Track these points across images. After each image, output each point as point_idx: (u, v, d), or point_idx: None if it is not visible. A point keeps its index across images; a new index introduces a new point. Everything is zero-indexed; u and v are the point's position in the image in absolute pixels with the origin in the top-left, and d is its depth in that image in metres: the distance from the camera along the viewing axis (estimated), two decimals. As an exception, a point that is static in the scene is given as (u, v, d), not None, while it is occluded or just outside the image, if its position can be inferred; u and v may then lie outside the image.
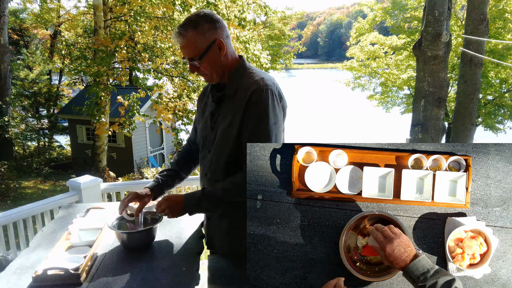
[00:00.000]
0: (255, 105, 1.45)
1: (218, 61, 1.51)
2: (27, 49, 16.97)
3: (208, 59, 1.49)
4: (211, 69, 1.51)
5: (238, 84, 1.52)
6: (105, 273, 1.45)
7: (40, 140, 15.70)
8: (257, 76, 1.51)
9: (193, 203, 1.54)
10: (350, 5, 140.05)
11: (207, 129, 1.62)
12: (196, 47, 1.47)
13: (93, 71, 7.98)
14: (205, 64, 1.49)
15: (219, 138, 1.55)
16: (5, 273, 1.45)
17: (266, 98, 1.44)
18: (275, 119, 1.47)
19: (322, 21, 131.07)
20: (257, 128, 1.45)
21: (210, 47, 1.47)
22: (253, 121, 1.45)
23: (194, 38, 1.46)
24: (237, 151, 1.50)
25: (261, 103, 1.44)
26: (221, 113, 1.57)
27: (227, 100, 1.55)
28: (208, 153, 1.62)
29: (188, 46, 1.47)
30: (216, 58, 1.50)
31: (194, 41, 1.46)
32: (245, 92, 1.47)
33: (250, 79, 1.50)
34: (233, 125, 1.49)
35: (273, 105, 1.46)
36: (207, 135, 1.62)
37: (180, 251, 1.61)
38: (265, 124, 1.44)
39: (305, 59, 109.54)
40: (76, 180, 3.32)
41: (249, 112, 1.45)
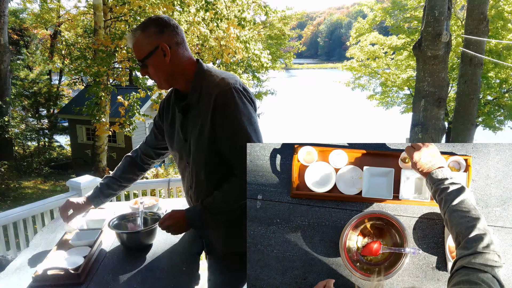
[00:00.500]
0: (222, 109, 1.41)
1: (163, 66, 1.47)
2: (27, 49, 16.97)
3: (152, 63, 1.46)
4: (157, 74, 1.48)
5: (199, 90, 1.48)
6: (105, 273, 1.45)
7: (40, 140, 15.70)
8: (217, 77, 1.47)
9: (196, 218, 1.52)
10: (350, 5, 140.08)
11: (180, 141, 1.60)
12: (141, 50, 1.45)
13: (93, 71, 7.98)
14: (151, 68, 1.47)
15: (194, 149, 1.52)
16: (5, 273, 1.45)
17: (232, 98, 1.41)
18: (248, 115, 1.43)
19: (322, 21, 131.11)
20: (233, 130, 1.42)
21: (153, 52, 1.44)
22: (226, 125, 1.42)
23: (141, 40, 1.45)
24: (214, 158, 1.48)
25: (228, 105, 1.41)
26: (189, 123, 1.54)
27: (192, 109, 1.52)
28: (187, 164, 1.60)
29: (135, 48, 1.47)
30: (160, 63, 1.46)
31: (140, 44, 1.45)
32: (209, 98, 1.43)
33: (211, 82, 1.46)
34: (203, 134, 1.47)
35: (241, 102, 1.42)
36: (182, 147, 1.59)
37: (180, 251, 1.61)
38: (239, 125, 1.41)
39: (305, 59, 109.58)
40: (76, 180, 3.32)
41: (218, 117, 1.42)
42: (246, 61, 9.14)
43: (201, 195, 1.56)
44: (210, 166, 1.50)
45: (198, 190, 1.59)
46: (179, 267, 1.49)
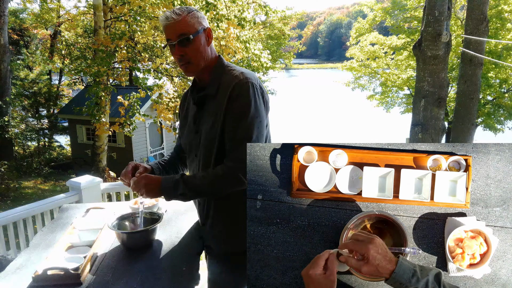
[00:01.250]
0: (236, 99, 1.45)
1: (204, 50, 1.52)
2: (27, 49, 16.98)
3: (197, 42, 1.49)
4: (197, 55, 1.51)
5: (219, 83, 1.52)
6: (105, 273, 1.45)
7: (40, 140, 15.70)
8: (237, 71, 1.52)
9: (170, 185, 1.48)
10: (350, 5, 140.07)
11: (191, 133, 1.61)
12: (188, 27, 1.48)
13: (93, 71, 7.98)
14: (192, 46, 1.48)
15: (203, 140, 1.53)
16: (5, 273, 1.45)
17: (247, 91, 1.44)
18: (257, 112, 1.46)
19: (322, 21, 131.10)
20: (238, 120, 1.44)
21: (200, 31, 1.49)
22: (234, 113, 1.45)
23: (189, 19, 1.48)
24: (223, 150, 1.49)
25: (242, 96, 1.44)
26: (203, 115, 1.56)
27: (209, 101, 1.55)
28: (195, 157, 1.61)
29: (182, 23, 1.47)
30: (202, 44, 1.51)
31: (189, 22, 1.48)
32: (226, 89, 1.47)
33: (231, 75, 1.50)
34: (216, 124, 1.49)
35: (254, 98, 1.45)
36: (192, 139, 1.61)
37: (180, 251, 1.61)
38: (246, 117, 1.44)
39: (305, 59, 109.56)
40: (76, 180, 3.32)
41: (230, 106, 1.45)
42: (246, 61, 9.13)
43: None
44: (217, 160, 1.51)
45: None
46: (179, 267, 1.49)
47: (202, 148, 1.55)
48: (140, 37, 8.74)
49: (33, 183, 12.06)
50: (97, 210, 1.97)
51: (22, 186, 11.43)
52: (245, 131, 1.43)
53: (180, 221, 1.91)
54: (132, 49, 8.64)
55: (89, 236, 1.66)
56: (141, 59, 8.72)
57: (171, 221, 1.90)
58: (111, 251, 1.62)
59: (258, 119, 1.46)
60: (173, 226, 1.84)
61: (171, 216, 1.97)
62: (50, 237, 1.76)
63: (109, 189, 3.53)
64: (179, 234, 1.76)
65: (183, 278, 1.43)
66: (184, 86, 9.36)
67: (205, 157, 1.54)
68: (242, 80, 1.46)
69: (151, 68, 8.90)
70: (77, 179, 3.33)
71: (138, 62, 8.60)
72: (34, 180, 12.37)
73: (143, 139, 13.92)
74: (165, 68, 9.33)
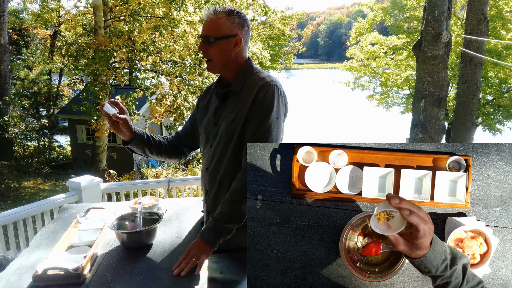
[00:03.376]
0: (261, 100, 1.50)
1: (227, 54, 1.56)
2: (27, 49, 16.98)
3: (220, 46, 1.54)
4: (218, 57, 1.55)
5: (244, 82, 1.57)
6: (105, 273, 1.45)
7: (40, 140, 15.70)
8: (264, 74, 1.58)
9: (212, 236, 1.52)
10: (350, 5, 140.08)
11: (210, 125, 1.66)
12: (219, 29, 1.52)
13: (92, 70, 7.98)
14: (216, 48, 1.54)
15: (222, 132, 1.58)
16: (5, 273, 1.45)
17: (272, 93, 1.51)
18: (278, 114, 1.53)
19: (322, 21, 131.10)
20: (260, 120, 1.50)
21: (229, 37, 1.53)
22: (257, 114, 1.51)
23: (223, 21, 1.52)
24: (240, 146, 1.54)
25: (267, 98, 1.50)
26: (225, 109, 1.61)
27: (232, 97, 1.60)
28: (210, 147, 1.66)
29: (213, 23, 1.52)
30: (227, 50, 1.55)
31: (221, 24, 1.52)
32: (252, 88, 1.52)
33: (257, 77, 1.56)
34: (238, 120, 1.54)
35: (277, 101, 1.52)
36: (210, 130, 1.66)
37: (180, 251, 1.61)
38: (268, 117, 1.50)
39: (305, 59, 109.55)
40: (76, 180, 3.32)
41: (255, 106, 1.51)
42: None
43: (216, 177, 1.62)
44: (232, 154, 1.56)
45: (213, 173, 1.63)
46: (179, 267, 1.49)
47: (219, 140, 1.60)
48: (137, 37, 8.73)
49: (33, 183, 12.06)
50: (97, 210, 1.97)
51: (22, 186, 11.44)
52: (264, 131, 1.49)
53: (180, 221, 1.91)
54: (130, 49, 8.63)
55: (89, 236, 1.66)
56: (139, 59, 8.71)
57: (171, 221, 1.90)
58: (111, 251, 1.61)
59: (278, 120, 1.53)
60: (173, 226, 1.84)
61: (171, 216, 1.97)
62: (50, 237, 1.76)
63: (109, 189, 3.53)
64: (179, 234, 1.76)
65: (183, 278, 1.43)
66: (181, 86, 9.34)
67: (222, 149, 1.59)
68: (269, 83, 1.52)
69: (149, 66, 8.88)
70: (77, 179, 3.33)
71: (137, 61, 8.59)
72: (34, 180, 12.37)
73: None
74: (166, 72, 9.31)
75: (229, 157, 1.57)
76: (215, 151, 1.62)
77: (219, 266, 1.67)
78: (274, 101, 1.51)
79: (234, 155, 1.56)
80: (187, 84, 9.32)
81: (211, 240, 1.52)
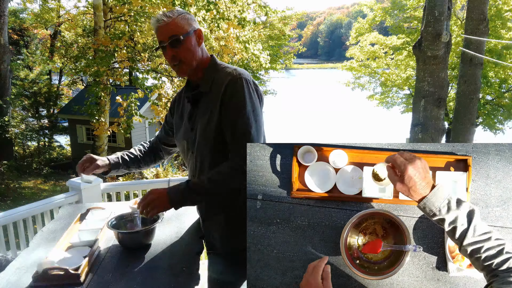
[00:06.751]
0: (231, 95, 1.48)
1: (195, 50, 1.55)
2: (27, 49, 16.98)
3: (189, 43, 1.52)
4: (189, 55, 1.53)
5: (212, 80, 1.55)
6: (105, 273, 1.45)
7: (40, 140, 15.70)
8: (230, 69, 1.56)
9: (178, 197, 1.48)
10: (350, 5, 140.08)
11: (187, 132, 1.64)
12: (179, 28, 1.50)
13: (92, 71, 7.98)
14: (183, 47, 1.51)
15: (199, 137, 1.56)
16: (5, 273, 1.45)
17: (241, 86, 1.48)
18: (252, 106, 1.49)
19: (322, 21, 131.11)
20: (235, 116, 1.47)
21: (190, 33, 1.52)
22: (231, 110, 1.48)
23: (179, 21, 1.51)
24: (220, 146, 1.51)
25: (237, 92, 1.48)
26: (198, 112, 1.59)
27: (203, 98, 1.58)
28: (192, 154, 1.62)
29: (171, 26, 1.49)
30: (193, 45, 1.54)
31: (178, 23, 1.50)
32: (220, 85, 1.50)
33: (224, 72, 1.54)
34: (212, 121, 1.51)
35: (249, 93, 1.49)
36: (188, 137, 1.63)
37: (180, 251, 1.61)
38: (243, 111, 1.47)
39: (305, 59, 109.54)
40: (76, 180, 3.32)
41: (226, 102, 1.48)
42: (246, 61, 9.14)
43: None
44: (214, 155, 1.53)
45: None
46: (179, 267, 1.49)
47: (198, 145, 1.57)
48: (139, 37, 8.73)
49: (33, 183, 12.06)
50: (97, 210, 1.97)
51: (22, 186, 11.43)
52: (244, 126, 1.46)
53: (179, 221, 1.91)
54: (131, 49, 8.63)
55: (89, 236, 1.66)
56: (140, 59, 8.71)
57: (170, 221, 1.90)
58: (111, 251, 1.61)
59: (255, 112, 1.50)
60: (172, 226, 1.84)
61: (171, 216, 1.97)
62: (50, 237, 1.76)
63: (109, 189, 3.53)
64: (179, 234, 1.76)
65: (183, 278, 1.43)
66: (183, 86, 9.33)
67: (202, 153, 1.57)
68: (236, 76, 1.49)
69: (150, 68, 8.88)
70: (77, 179, 3.32)
71: (138, 62, 8.59)
72: (34, 180, 12.37)
73: (143, 139, 13.92)
74: (164, 69, 9.31)
75: (212, 159, 1.54)
76: (197, 157, 1.59)
77: (219, 266, 1.67)
78: (245, 94, 1.47)
79: (217, 157, 1.52)
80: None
81: (176, 201, 1.48)
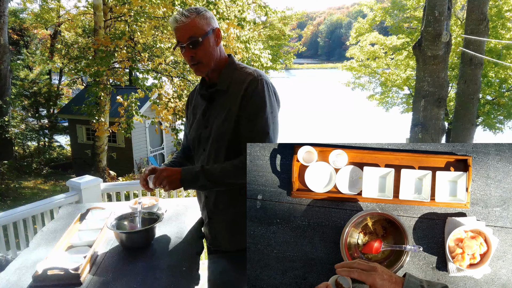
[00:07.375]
0: (251, 95, 1.49)
1: (213, 50, 1.54)
2: (27, 49, 16.95)
3: (208, 43, 1.52)
4: (207, 54, 1.53)
5: (230, 79, 1.55)
6: (105, 273, 1.45)
7: (40, 140, 15.69)
8: (249, 69, 1.56)
9: (190, 177, 1.52)
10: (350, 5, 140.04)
11: (200, 128, 1.63)
12: (198, 29, 1.49)
13: (92, 71, 7.97)
14: (203, 47, 1.51)
15: (214, 134, 1.56)
16: (5, 273, 1.45)
17: (262, 88, 1.49)
18: (271, 108, 1.51)
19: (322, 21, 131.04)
20: (255, 117, 1.48)
21: (209, 33, 1.52)
22: (251, 110, 1.49)
23: (198, 21, 1.50)
24: (234, 145, 1.52)
25: (258, 93, 1.49)
26: (214, 110, 1.59)
27: (219, 96, 1.57)
28: (203, 151, 1.62)
29: (191, 25, 1.49)
30: (212, 45, 1.54)
31: (197, 22, 1.50)
32: (240, 85, 1.51)
33: (243, 72, 1.54)
34: (229, 119, 1.51)
35: (268, 95, 1.51)
36: (201, 133, 1.63)
37: (180, 251, 1.61)
38: (262, 112, 1.49)
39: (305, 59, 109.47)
40: (76, 180, 3.32)
41: (246, 102, 1.49)
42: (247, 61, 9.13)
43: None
44: (227, 154, 1.54)
45: None
46: (179, 267, 1.49)
47: (212, 142, 1.57)
48: (139, 37, 8.72)
49: (33, 183, 12.05)
50: (97, 210, 1.97)
51: (22, 186, 11.43)
52: (262, 126, 1.48)
53: (180, 221, 1.91)
54: (131, 49, 8.63)
55: (89, 236, 1.66)
56: (140, 59, 8.71)
57: (171, 221, 1.90)
58: (111, 251, 1.61)
59: (273, 114, 1.52)
60: (172, 226, 1.84)
61: (171, 216, 1.97)
62: (50, 237, 1.76)
63: (109, 189, 3.53)
64: (179, 234, 1.76)
65: (183, 278, 1.43)
66: (183, 86, 9.34)
67: (215, 151, 1.56)
68: (256, 78, 1.50)
69: (150, 68, 8.88)
70: (77, 179, 3.33)
71: (138, 62, 8.59)
72: (34, 180, 12.36)
73: (143, 139, 13.92)
74: (164, 69, 9.31)
75: (224, 158, 1.54)
76: (210, 154, 1.58)
77: (219, 266, 1.67)
78: (265, 96, 1.49)
79: (229, 156, 1.53)
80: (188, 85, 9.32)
81: (187, 181, 1.51)
